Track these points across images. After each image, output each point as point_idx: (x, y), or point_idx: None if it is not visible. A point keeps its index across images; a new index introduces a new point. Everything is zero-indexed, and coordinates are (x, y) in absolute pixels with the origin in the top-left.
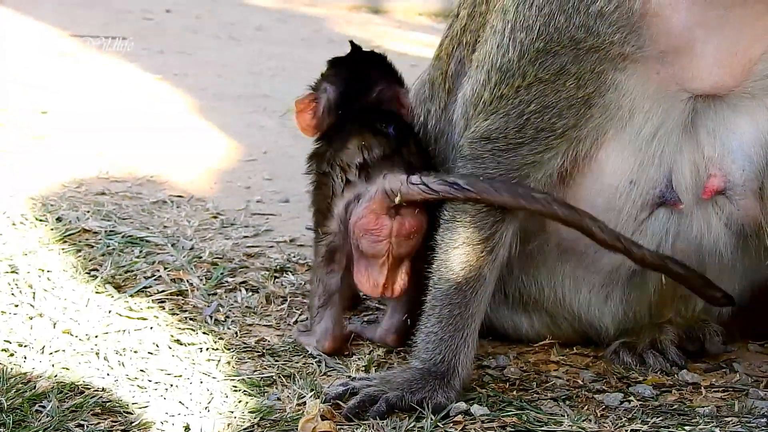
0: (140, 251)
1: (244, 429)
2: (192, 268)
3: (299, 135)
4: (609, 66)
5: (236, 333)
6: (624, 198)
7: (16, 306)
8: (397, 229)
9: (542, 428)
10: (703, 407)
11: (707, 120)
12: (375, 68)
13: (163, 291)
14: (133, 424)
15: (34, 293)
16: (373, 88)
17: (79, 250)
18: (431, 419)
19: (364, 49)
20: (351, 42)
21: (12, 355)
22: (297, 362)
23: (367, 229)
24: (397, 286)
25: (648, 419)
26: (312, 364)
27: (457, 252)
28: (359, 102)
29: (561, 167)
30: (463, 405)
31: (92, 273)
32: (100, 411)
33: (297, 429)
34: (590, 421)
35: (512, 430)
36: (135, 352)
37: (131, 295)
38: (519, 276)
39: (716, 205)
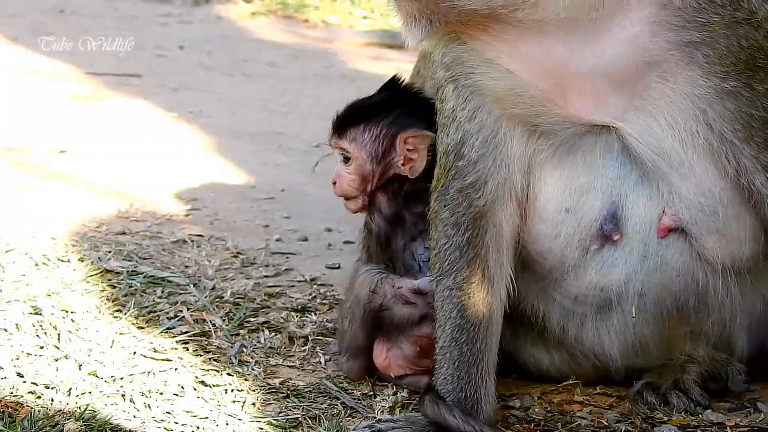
0: (162, 291)
1: None
2: (214, 309)
3: (315, 173)
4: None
5: (260, 374)
6: (561, 226)
7: (41, 348)
8: None
9: None
10: None
11: (654, 156)
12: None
13: (186, 332)
14: None
15: (58, 335)
16: None
17: (102, 291)
18: None
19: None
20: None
21: (39, 397)
22: (322, 403)
23: None
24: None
25: None
26: (337, 405)
27: (458, 292)
28: None
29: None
30: None
31: (115, 314)
32: None
33: None
34: None
35: None
36: (161, 393)
37: (155, 336)
38: (526, 308)
39: (684, 241)
